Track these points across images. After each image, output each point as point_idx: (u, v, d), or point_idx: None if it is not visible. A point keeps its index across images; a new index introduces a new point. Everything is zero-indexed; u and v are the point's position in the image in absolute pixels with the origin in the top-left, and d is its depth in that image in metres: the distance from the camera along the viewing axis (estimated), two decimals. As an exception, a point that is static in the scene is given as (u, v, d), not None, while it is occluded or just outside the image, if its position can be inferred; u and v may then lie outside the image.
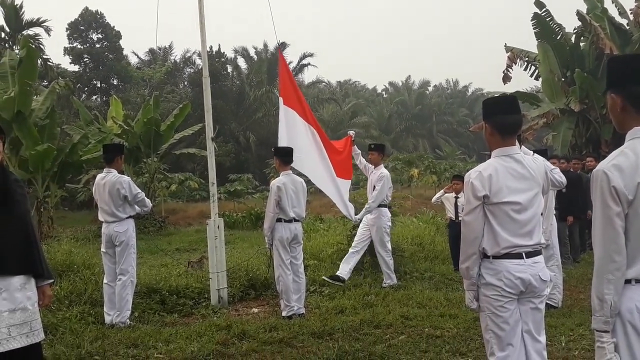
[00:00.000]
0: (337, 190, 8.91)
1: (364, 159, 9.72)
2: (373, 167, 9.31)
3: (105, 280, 7.38)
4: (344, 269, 9.07)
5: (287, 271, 7.54)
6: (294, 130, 8.57)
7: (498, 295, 3.64)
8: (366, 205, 9.12)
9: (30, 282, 3.74)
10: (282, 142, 8.24)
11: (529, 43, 23.56)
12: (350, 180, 9.53)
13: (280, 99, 8.74)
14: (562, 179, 5.68)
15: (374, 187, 9.06)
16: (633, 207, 2.56)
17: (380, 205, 9.04)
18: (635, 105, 2.66)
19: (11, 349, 3.54)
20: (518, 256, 3.65)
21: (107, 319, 7.19)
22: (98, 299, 7.65)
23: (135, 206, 7.47)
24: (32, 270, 3.75)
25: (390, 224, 9.28)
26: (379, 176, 9.06)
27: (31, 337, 3.67)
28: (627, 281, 2.59)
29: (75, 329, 6.70)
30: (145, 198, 7.58)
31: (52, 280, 4.09)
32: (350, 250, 9.32)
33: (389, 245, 9.21)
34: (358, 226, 9.51)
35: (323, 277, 9.08)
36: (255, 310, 8.04)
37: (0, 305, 3.54)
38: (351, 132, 9.74)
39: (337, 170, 8.97)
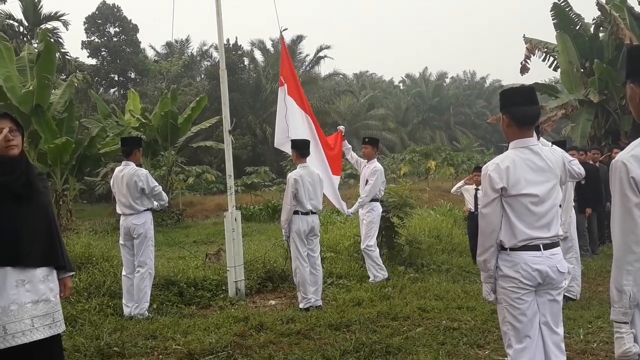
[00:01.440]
0: (331, 183, 8.91)
1: (354, 154, 9.72)
2: (366, 161, 9.27)
3: (123, 273, 7.43)
4: (374, 274, 9.01)
5: (304, 263, 7.57)
6: (294, 119, 8.58)
7: (515, 287, 3.63)
8: (359, 199, 9.08)
9: (53, 274, 3.77)
10: (291, 133, 8.27)
11: (548, 34, 23.37)
12: (339, 177, 9.55)
13: (285, 87, 8.70)
14: (581, 170, 5.61)
15: (367, 181, 9.00)
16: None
17: (372, 200, 9.00)
18: (655, 95, 2.62)
19: (35, 339, 3.57)
20: (536, 248, 3.63)
21: (126, 310, 7.24)
22: (117, 291, 7.71)
23: (153, 199, 7.52)
24: (55, 262, 3.77)
25: (379, 218, 9.19)
26: (372, 170, 9.00)
27: (54, 328, 3.70)
28: (646, 272, 2.56)
29: (94, 320, 6.77)
30: (162, 192, 7.60)
31: (73, 273, 4.12)
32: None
33: (374, 240, 9.08)
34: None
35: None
36: (273, 302, 8.07)
37: (24, 296, 3.57)
38: (341, 128, 9.75)
39: (330, 165, 8.98)
